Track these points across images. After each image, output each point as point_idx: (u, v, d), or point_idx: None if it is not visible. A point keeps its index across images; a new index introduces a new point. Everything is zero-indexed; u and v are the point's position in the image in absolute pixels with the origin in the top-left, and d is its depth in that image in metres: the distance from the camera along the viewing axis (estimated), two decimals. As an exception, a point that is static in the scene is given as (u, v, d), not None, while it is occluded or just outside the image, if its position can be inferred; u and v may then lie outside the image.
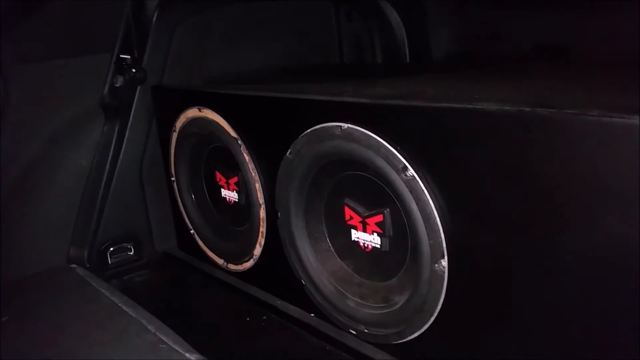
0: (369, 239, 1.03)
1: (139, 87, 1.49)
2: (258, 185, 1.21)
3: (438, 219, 0.86)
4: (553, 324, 0.77)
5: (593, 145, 0.67)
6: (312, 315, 1.18)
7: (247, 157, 1.21)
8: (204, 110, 1.30)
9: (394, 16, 1.90)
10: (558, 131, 0.70)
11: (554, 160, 0.71)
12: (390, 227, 0.99)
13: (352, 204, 1.04)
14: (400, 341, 0.99)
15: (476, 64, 1.60)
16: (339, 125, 0.97)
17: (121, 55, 1.46)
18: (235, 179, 1.32)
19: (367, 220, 1.02)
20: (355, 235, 1.05)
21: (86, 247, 1.49)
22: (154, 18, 1.48)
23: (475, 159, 0.81)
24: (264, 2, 1.70)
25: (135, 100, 1.49)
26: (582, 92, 0.90)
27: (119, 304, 1.15)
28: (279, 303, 1.26)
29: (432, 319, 0.91)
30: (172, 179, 1.49)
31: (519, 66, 1.51)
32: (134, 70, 1.44)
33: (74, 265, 1.39)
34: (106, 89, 1.47)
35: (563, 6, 1.47)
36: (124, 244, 1.54)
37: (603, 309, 0.72)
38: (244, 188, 1.28)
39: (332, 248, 1.12)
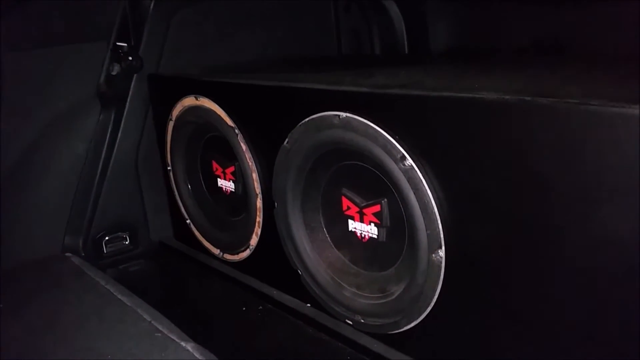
0: (366, 229, 1.03)
1: (135, 76, 1.48)
2: (255, 175, 1.20)
3: (436, 209, 0.86)
4: (550, 314, 0.77)
5: (593, 134, 0.67)
6: (309, 305, 1.18)
7: (244, 147, 1.20)
8: (200, 98, 1.29)
9: (393, 9, 1.89)
10: (558, 121, 0.70)
11: (554, 149, 0.71)
12: (387, 217, 0.99)
13: (349, 194, 1.04)
14: (397, 331, 0.99)
15: (475, 57, 1.60)
16: (337, 114, 0.97)
17: (118, 43, 1.45)
18: (232, 169, 1.31)
19: (365, 211, 1.02)
20: (353, 225, 1.05)
21: (81, 236, 1.48)
22: (151, 6, 1.46)
23: (474, 149, 0.80)
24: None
25: (131, 89, 1.48)
26: (583, 84, 0.89)
27: (114, 293, 1.14)
28: (275, 293, 1.25)
29: (429, 309, 0.91)
30: (168, 168, 1.48)
31: (518, 59, 1.50)
32: (130, 58, 1.43)
33: (69, 254, 1.38)
34: (102, 77, 1.46)
35: (562, 2, 1.47)
36: (120, 233, 1.53)
37: (601, 301, 0.72)
38: (240, 178, 1.28)
39: (329, 238, 1.11)
